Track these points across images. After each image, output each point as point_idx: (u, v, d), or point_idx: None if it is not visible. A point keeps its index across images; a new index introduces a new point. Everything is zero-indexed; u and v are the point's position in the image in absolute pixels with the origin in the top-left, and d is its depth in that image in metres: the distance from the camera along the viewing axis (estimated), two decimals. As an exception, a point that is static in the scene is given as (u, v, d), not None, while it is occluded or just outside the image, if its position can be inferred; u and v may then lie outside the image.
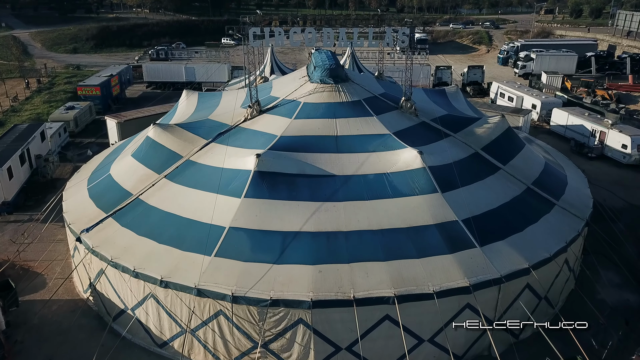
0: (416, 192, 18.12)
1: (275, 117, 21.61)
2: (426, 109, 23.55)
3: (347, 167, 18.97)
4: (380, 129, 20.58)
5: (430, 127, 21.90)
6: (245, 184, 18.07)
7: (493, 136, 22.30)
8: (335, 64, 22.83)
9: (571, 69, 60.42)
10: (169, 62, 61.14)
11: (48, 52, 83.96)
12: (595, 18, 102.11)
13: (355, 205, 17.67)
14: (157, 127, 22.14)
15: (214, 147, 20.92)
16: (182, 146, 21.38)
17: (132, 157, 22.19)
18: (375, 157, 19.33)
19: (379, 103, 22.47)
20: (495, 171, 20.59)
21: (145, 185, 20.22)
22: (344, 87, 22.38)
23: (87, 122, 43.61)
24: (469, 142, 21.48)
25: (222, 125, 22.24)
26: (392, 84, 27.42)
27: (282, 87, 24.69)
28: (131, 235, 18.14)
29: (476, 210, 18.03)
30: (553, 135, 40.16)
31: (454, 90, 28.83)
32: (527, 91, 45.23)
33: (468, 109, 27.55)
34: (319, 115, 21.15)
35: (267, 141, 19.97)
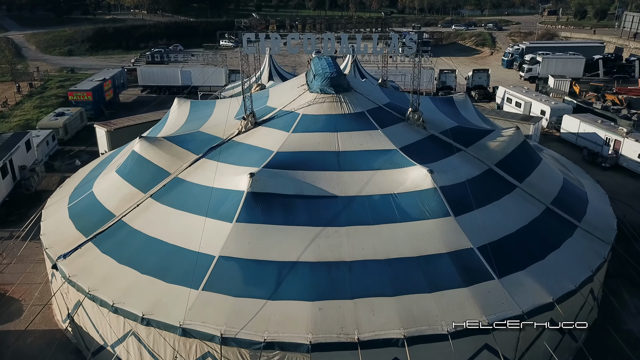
0: (426, 215, 16.40)
1: (272, 130, 19.89)
2: (434, 120, 21.82)
3: (349, 186, 17.25)
4: (386, 143, 18.86)
5: (439, 141, 20.18)
6: (237, 206, 16.36)
7: (508, 150, 20.58)
8: (336, 72, 21.12)
9: (578, 72, 58.68)
10: (165, 65, 59.40)
11: (43, 54, 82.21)
12: (600, 19, 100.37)
13: (359, 231, 15.96)
14: (143, 140, 20.43)
15: (204, 163, 19.21)
16: (170, 162, 19.67)
17: (116, 174, 20.48)
18: (380, 175, 17.61)
19: (384, 114, 20.76)
20: (511, 190, 18.87)
21: (129, 205, 18.51)
22: (346, 97, 20.67)
23: (78, 129, 41.89)
24: (481, 158, 19.77)
25: (215, 138, 20.54)
26: (397, 93, 25.70)
27: (279, 96, 22.98)
28: (111, 263, 16.42)
29: (493, 236, 16.31)
30: (564, 144, 38.43)
31: (463, 99, 27.10)
32: (535, 96, 43.52)
33: (478, 119, 25.82)
34: (319, 128, 19.44)
35: (262, 157, 18.26)
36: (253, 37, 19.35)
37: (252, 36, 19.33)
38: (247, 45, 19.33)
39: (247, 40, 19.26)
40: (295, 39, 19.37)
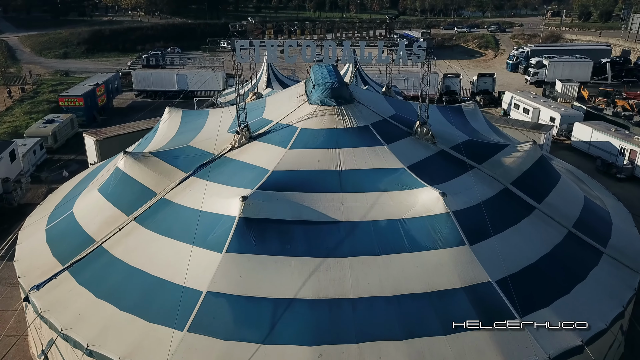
0: (439, 244, 14.73)
1: (267, 146, 18.23)
2: (444, 133, 20.14)
3: (353, 210, 15.59)
4: (393, 161, 17.18)
5: (450, 157, 18.51)
6: (227, 234, 14.69)
7: (524, 167, 18.91)
8: (337, 82, 19.45)
9: (586, 76, 57.06)
10: (160, 69, 57.74)
11: (37, 57, 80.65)
12: (605, 21, 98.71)
13: (364, 263, 14.29)
14: (128, 156, 18.76)
15: (194, 182, 17.54)
16: (156, 180, 18.00)
17: (98, 193, 18.82)
18: (387, 197, 15.94)
19: (390, 128, 19.09)
20: (529, 212, 17.20)
21: (110, 229, 16.83)
22: (348, 109, 19.00)
23: (68, 137, 40.26)
24: (496, 176, 18.10)
25: (205, 154, 18.87)
26: (402, 102, 24.03)
27: (276, 107, 21.31)
28: (88, 297, 14.75)
29: (513, 267, 14.64)
30: (575, 152, 36.77)
31: (472, 108, 25.42)
32: (544, 102, 41.85)
33: (489, 129, 24.17)
34: (319, 144, 17.78)
35: (256, 177, 16.59)
36: (247, 44, 17.67)
37: (245, 43, 17.66)
38: (241, 53, 17.66)
39: (241, 48, 17.59)
40: (293, 46, 17.71)
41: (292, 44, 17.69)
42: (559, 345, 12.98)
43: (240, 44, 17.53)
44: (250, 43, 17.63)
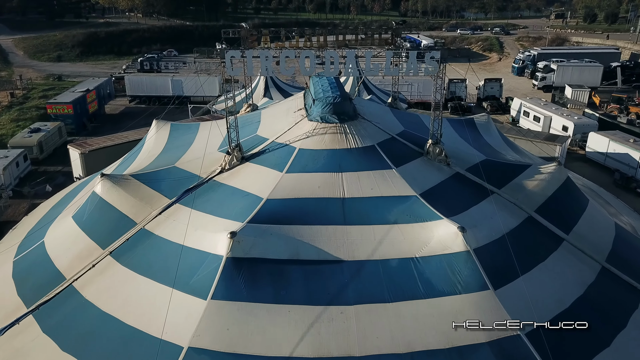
0: (458, 289, 12.71)
1: (262, 169, 16.22)
2: (458, 152, 18.11)
3: (359, 247, 13.58)
4: (403, 187, 15.16)
5: (466, 181, 16.50)
6: (213, 277, 12.68)
7: (549, 191, 16.91)
8: (339, 96, 17.42)
9: (596, 81, 55.03)
10: (154, 74, 55.72)
11: (30, 60, 78.62)
12: (612, 23, 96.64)
13: (372, 312, 12.28)
14: (106, 180, 16.74)
15: (178, 210, 15.54)
16: (137, 208, 16.00)
17: (72, 220, 16.81)
18: (397, 231, 13.92)
19: (399, 148, 17.09)
20: (558, 245, 15.19)
21: (83, 265, 14.85)
22: (352, 127, 16.99)
23: (56, 146, 38.26)
24: (519, 202, 16.09)
25: (192, 176, 16.87)
26: (410, 116, 21.99)
27: (272, 122, 19.32)
28: (53, 348, 12.74)
29: (544, 315, 12.62)
30: (590, 164, 34.82)
31: (485, 121, 23.38)
32: (556, 110, 39.84)
33: (504, 145, 22.17)
34: (320, 167, 15.77)
35: (247, 206, 14.58)
36: (238, 54, 15.67)
37: (236, 54, 15.65)
38: (232, 65, 15.66)
39: (231, 59, 15.59)
40: (291, 57, 15.68)
41: (289, 54, 15.66)
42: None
43: (230, 54, 15.51)
44: (242, 53, 15.61)
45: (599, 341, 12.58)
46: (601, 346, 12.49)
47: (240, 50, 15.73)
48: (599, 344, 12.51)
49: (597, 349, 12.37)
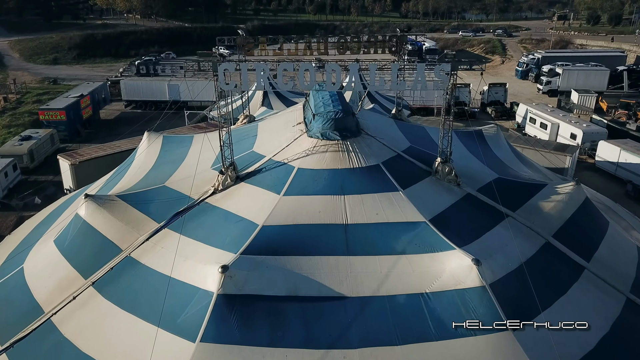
0: (473, 330, 11.51)
1: (257, 190, 15.02)
2: (468, 170, 16.89)
3: (363, 281, 12.39)
4: (411, 212, 13.96)
5: (478, 203, 15.29)
6: (203, 316, 11.49)
7: (567, 214, 15.72)
8: (341, 111, 16.21)
9: (602, 85, 53.80)
10: (151, 78, 54.47)
11: (26, 63, 77.34)
12: (615, 25, 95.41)
13: (378, 356, 11.09)
14: (90, 201, 15.54)
15: (167, 235, 14.36)
16: (123, 233, 14.82)
17: (54, 245, 15.61)
18: (406, 263, 12.73)
19: (405, 166, 15.88)
20: (578, 274, 14.01)
21: (63, 296, 13.68)
22: (355, 144, 15.78)
23: (48, 154, 36.94)
24: (535, 226, 14.90)
25: (183, 197, 15.69)
26: (416, 129, 20.76)
27: (270, 137, 18.12)
28: (26, 394, 11.58)
29: (570, 357, 11.44)
30: (600, 173, 33.56)
31: (494, 133, 22.17)
32: (563, 117, 38.61)
33: (515, 159, 20.96)
34: (320, 189, 14.56)
35: (241, 234, 13.38)
36: (231, 67, 14.47)
37: (230, 66, 14.45)
38: (225, 79, 14.46)
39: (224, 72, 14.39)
40: (289, 69, 14.48)
41: (288, 67, 14.45)
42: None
43: (223, 67, 14.31)
44: (237, 66, 14.41)
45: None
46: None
47: (235, 63, 14.50)
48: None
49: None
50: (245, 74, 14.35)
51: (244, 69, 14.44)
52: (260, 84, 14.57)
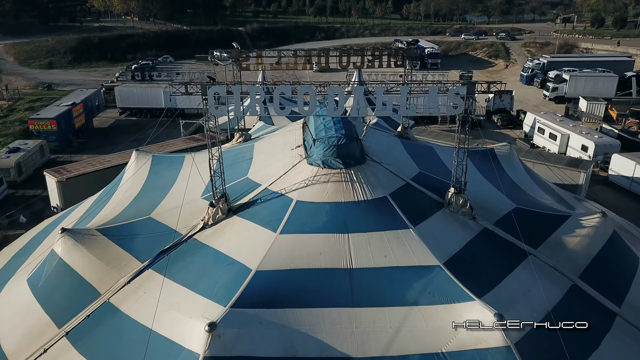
0: (498, 399, 10.05)
1: (251, 227, 13.53)
2: (482, 198, 15.38)
3: (371, 338, 10.90)
4: (423, 254, 12.47)
5: (497, 240, 13.82)
6: (187, 384, 10.02)
7: (593, 251, 14.24)
8: (344, 136, 14.71)
9: (610, 92, 52.26)
10: (146, 85, 52.93)
11: (20, 67, 75.86)
12: (620, 28, 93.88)
13: None
14: (67, 237, 14.04)
15: (150, 278, 12.89)
16: (102, 273, 13.35)
17: (27, 285, 14.12)
18: (418, 316, 11.25)
19: (415, 198, 14.40)
20: (611, 322, 12.55)
21: (33, 349, 12.23)
22: (360, 173, 14.29)
23: (37, 166, 35.40)
24: (560, 266, 13.42)
25: (170, 232, 14.19)
26: (423, 149, 19.21)
27: (266, 161, 16.62)
28: None
29: None
30: (613, 188, 32.08)
31: (507, 152, 20.67)
32: (573, 127, 37.10)
33: (531, 182, 19.49)
34: (321, 226, 13.08)
35: (233, 280, 11.91)
36: (223, 90, 12.98)
37: (221, 90, 12.96)
38: (215, 104, 12.97)
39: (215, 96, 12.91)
40: (287, 93, 12.99)
41: (285, 90, 12.95)
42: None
43: (213, 90, 12.82)
44: (228, 89, 12.93)
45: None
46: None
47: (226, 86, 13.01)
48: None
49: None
50: (237, 98, 12.86)
51: (237, 93, 12.95)
52: (255, 109, 13.05)
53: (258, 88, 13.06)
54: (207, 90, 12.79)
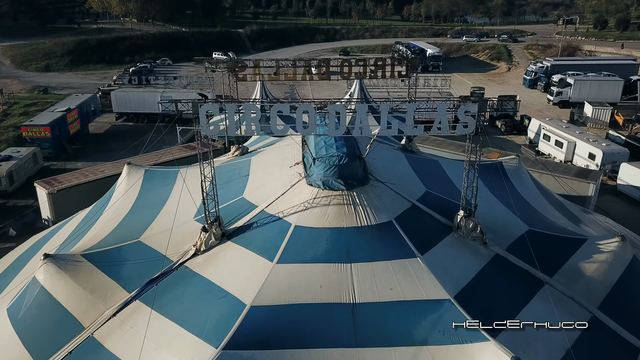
0: None
1: (246, 255, 12.61)
2: (492, 219, 14.46)
3: (375, 383, 9.98)
4: (432, 287, 11.54)
5: (510, 268, 12.88)
6: None
7: (613, 278, 13.32)
8: (346, 155, 13.78)
9: (616, 96, 51.30)
10: (143, 89, 51.95)
11: (17, 70, 74.88)
12: (623, 30, 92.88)
13: None
14: (50, 264, 13.12)
15: (137, 310, 11.98)
16: (86, 304, 12.44)
17: (6, 315, 13.18)
18: (427, 357, 10.32)
19: (422, 222, 13.47)
20: (634, 357, 11.62)
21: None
22: (363, 194, 13.36)
23: (29, 175, 34.47)
24: (578, 296, 12.50)
25: (160, 258, 13.27)
26: (429, 165, 18.26)
27: (263, 179, 15.70)
28: None
29: None
30: (622, 198, 31.14)
31: (516, 166, 19.74)
32: (580, 134, 36.15)
33: (542, 199, 18.57)
34: (321, 254, 12.15)
35: (225, 316, 10.99)
36: (216, 109, 12.06)
37: (214, 109, 12.04)
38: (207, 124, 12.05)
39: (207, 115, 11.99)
40: (285, 112, 12.06)
41: (283, 109, 12.01)
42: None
43: (205, 109, 11.90)
44: (222, 106, 12.01)
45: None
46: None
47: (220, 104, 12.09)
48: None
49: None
50: (232, 117, 11.94)
51: (231, 111, 12.02)
52: (251, 128, 12.12)
53: (254, 106, 12.09)
54: (199, 108, 11.85)
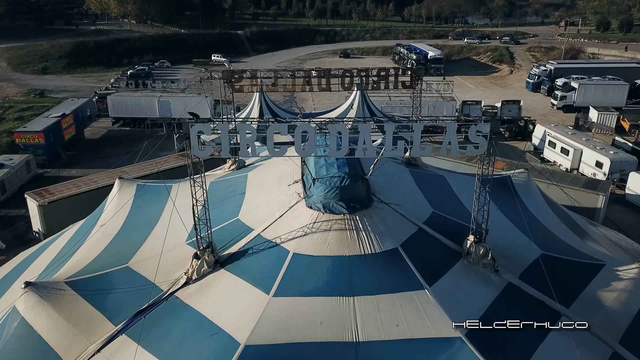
0: None
1: (240, 285, 11.73)
2: (503, 242, 13.56)
3: None
4: (442, 323, 10.66)
5: (524, 298, 12.01)
6: None
7: (634, 309, 12.46)
8: (348, 176, 12.90)
9: (621, 101, 50.44)
10: (140, 93, 51.05)
11: (13, 72, 74.01)
12: (626, 32, 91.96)
13: None
14: (32, 293, 12.25)
15: (123, 346, 11.11)
16: (69, 338, 11.59)
17: (-16, 348, 12.33)
18: (437, 405, 9.45)
19: (430, 248, 12.59)
20: (659, 400, 10.76)
21: None
22: (366, 219, 12.49)
23: (22, 183, 33.63)
24: (597, 330, 11.62)
25: (148, 286, 12.40)
26: (434, 180, 17.35)
27: (260, 199, 14.82)
28: None
29: None
30: (630, 208, 30.28)
31: (525, 179, 18.86)
32: (587, 141, 35.26)
33: (553, 216, 17.69)
34: (322, 286, 11.28)
35: (217, 356, 10.11)
36: (208, 129, 11.19)
37: (206, 129, 11.17)
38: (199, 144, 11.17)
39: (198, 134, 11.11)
40: (283, 132, 11.19)
41: (281, 129, 11.13)
42: None
43: (196, 129, 11.02)
44: (213, 127, 11.14)
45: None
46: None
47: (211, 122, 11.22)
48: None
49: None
50: (225, 138, 11.05)
51: (225, 131, 11.15)
52: (246, 150, 11.24)
53: (249, 126, 11.20)
54: (190, 128, 10.98)
